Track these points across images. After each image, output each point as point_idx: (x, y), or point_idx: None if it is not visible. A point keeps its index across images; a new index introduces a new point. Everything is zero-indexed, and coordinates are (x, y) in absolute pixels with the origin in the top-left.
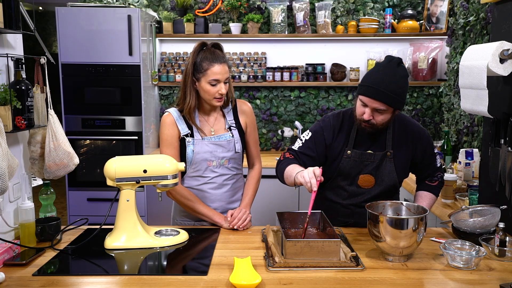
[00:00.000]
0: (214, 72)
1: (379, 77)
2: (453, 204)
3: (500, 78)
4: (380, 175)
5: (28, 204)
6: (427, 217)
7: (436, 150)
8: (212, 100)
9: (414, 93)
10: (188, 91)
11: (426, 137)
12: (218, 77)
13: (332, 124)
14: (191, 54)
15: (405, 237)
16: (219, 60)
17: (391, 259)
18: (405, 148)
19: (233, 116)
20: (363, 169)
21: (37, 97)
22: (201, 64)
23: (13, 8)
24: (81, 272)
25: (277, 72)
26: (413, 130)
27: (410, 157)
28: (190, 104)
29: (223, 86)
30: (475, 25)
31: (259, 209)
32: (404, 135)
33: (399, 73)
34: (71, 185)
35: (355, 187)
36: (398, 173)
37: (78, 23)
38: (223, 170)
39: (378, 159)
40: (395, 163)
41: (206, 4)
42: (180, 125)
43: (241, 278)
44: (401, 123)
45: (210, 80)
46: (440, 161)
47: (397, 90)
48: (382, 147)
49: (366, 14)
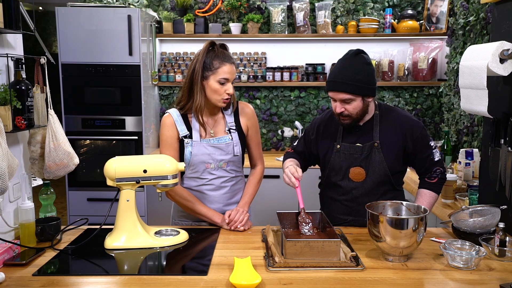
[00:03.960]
0: (224, 71)
1: (337, 69)
2: (453, 204)
3: (500, 78)
4: (370, 166)
5: (28, 204)
6: (427, 217)
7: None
8: (219, 100)
9: (414, 93)
10: (197, 89)
11: (416, 127)
12: (228, 76)
13: (318, 121)
14: (201, 52)
15: (405, 237)
16: (229, 60)
17: (391, 259)
18: (394, 139)
19: (234, 118)
20: (353, 162)
21: (37, 97)
22: (211, 63)
23: (13, 8)
24: (81, 272)
25: (277, 72)
26: (401, 121)
27: (401, 147)
28: (200, 103)
29: (231, 86)
30: (475, 25)
31: (259, 209)
32: (391, 125)
33: (357, 61)
34: (71, 185)
35: (347, 181)
36: (388, 163)
37: (78, 23)
38: (221, 172)
39: (366, 151)
40: (384, 153)
41: (206, 4)
42: (179, 126)
43: (241, 278)
44: (388, 114)
45: (220, 79)
46: (439, 156)
47: (357, 77)
48: (370, 139)
49: (366, 14)
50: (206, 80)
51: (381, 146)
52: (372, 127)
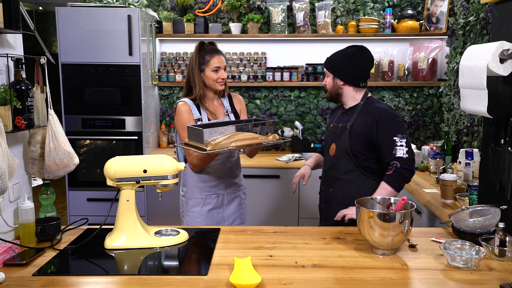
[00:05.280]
0: (215, 61)
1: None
2: (453, 204)
3: (500, 78)
4: (339, 143)
5: (28, 204)
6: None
7: (436, 150)
8: (216, 84)
9: (414, 93)
10: (197, 81)
11: (385, 118)
12: (219, 64)
13: (333, 109)
14: (194, 52)
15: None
16: (217, 52)
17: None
18: (363, 125)
19: (229, 103)
20: (333, 139)
21: (37, 97)
22: (204, 58)
23: (13, 8)
24: (81, 272)
25: (277, 72)
26: (375, 111)
27: (367, 133)
28: (200, 92)
29: (223, 72)
30: (475, 25)
31: (259, 209)
32: (366, 114)
33: (346, 50)
34: (71, 185)
35: (327, 155)
36: (350, 143)
37: (78, 23)
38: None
39: (339, 130)
40: (350, 135)
41: (206, 4)
42: (194, 111)
43: (241, 278)
44: (369, 105)
45: (213, 68)
46: (405, 154)
47: (336, 59)
48: (347, 121)
49: (366, 14)
50: (203, 73)
51: (351, 129)
52: (353, 113)
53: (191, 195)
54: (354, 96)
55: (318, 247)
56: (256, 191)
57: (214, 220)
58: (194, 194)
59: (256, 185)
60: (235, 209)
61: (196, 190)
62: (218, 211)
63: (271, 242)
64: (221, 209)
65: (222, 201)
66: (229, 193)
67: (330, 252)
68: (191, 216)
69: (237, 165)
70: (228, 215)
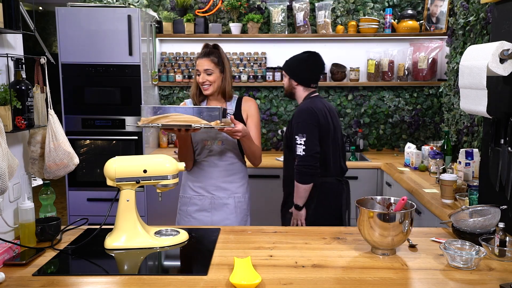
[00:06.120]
0: (197, 65)
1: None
2: (453, 204)
3: (500, 78)
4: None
5: (28, 204)
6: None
7: (436, 150)
8: (202, 87)
9: (414, 93)
10: (194, 82)
11: (296, 118)
12: (199, 68)
13: None
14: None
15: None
16: (203, 56)
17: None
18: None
19: (235, 107)
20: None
21: (37, 97)
22: (196, 61)
23: (13, 8)
24: (81, 272)
25: (277, 72)
26: (295, 112)
27: (288, 131)
28: (192, 91)
29: (202, 76)
30: (475, 25)
31: (259, 209)
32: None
33: (301, 55)
34: (71, 185)
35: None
36: (286, 140)
37: (78, 23)
38: (217, 148)
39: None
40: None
41: (206, 4)
42: None
43: (241, 278)
44: (300, 105)
45: (196, 71)
46: (302, 152)
47: (292, 62)
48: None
49: (366, 14)
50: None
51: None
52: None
53: (182, 193)
54: (302, 95)
55: (318, 247)
56: (256, 191)
57: (201, 223)
58: (183, 192)
59: (256, 185)
60: (225, 217)
61: (185, 189)
62: (206, 214)
63: (271, 242)
64: (209, 213)
65: (210, 204)
66: (218, 198)
67: (330, 252)
68: (180, 214)
69: (232, 170)
70: (217, 221)
